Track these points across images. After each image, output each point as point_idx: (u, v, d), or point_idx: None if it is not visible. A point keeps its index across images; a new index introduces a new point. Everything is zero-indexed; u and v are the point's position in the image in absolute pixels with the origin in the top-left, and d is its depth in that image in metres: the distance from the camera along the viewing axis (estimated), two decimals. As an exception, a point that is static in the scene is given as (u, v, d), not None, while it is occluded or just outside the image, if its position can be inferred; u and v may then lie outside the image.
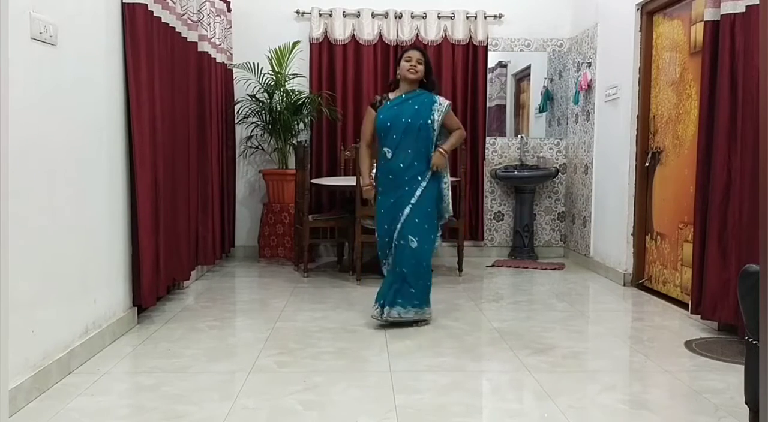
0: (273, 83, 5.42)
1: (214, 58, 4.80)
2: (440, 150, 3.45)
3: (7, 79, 2.19)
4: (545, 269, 5.33)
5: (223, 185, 5.16)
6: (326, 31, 5.67)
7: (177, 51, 3.89)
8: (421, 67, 3.45)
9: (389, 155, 3.45)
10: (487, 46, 5.77)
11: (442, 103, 3.49)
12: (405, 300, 3.43)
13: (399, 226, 3.42)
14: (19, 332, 2.32)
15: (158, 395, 2.50)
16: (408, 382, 2.65)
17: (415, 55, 3.47)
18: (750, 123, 3.15)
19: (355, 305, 4.03)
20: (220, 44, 4.98)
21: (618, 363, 3.04)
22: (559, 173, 5.90)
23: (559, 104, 5.95)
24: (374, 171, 3.63)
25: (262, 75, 5.40)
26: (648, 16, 4.49)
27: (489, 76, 5.87)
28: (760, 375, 1.80)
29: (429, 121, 3.42)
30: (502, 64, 6.00)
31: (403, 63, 3.47)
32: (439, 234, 3.58)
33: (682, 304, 3.95)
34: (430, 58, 3.60)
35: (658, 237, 4.40)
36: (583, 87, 5.38)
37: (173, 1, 3.80)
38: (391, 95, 3.55)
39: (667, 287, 4.26)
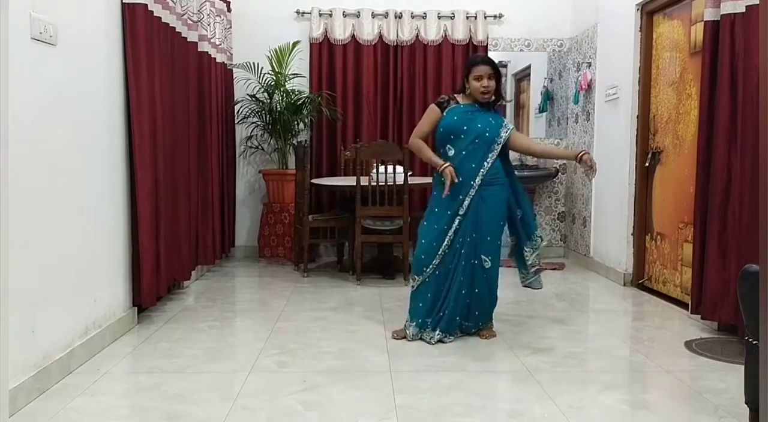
0: (273, 83, 5.42)
1: (214, 58, 4.80)
2: (582, 153, 3.21)
3: (7, 79, 2.19)
4: (545, 269, 5.32)
5: (223, 185, 5.17)
6: (326, 31, 5.67)
7: (177, 51, 3.90)
8: (493, 84, 3.21)
9: (451, 153, 3.22)
10: (487, 46, 5.77)
11: (509, 126, 3.29)
12: (471, 322, 3.30)
13: (466, 240, 3.20)
14: (19, 332, 2.32)
15: (158, 395, 2.50)
16: (408, 382, 2.65)
17: (485, 70, 3.19)
18: (750, 123, 3.15)
19: (355, 305, 4.03)
20: (220, 44, 4.98)
21: (618, 363, 3.04)
22: (559, 173, 5.90)
23: (559, 104, 5.95)
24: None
25: (262, 75, 5.40)
26: (648, 16, 4.49)
27: (489, 76, 5.86)
28: (760, 375, 1.80)
29: (498, 138, 3.23)
30: (502, 64, 5.98)
31: (474, 83, 3.21)
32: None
33: (682, 304, 3.95)
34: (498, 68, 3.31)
35: (658, 237, 4.40)
36: (583, 87, 5.38)
37: (173, 1, 3.80)
38: (460, 99, 3.30)
39: (667, 287, 4.26)
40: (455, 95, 3.36)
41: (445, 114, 3.27)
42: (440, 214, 3.25)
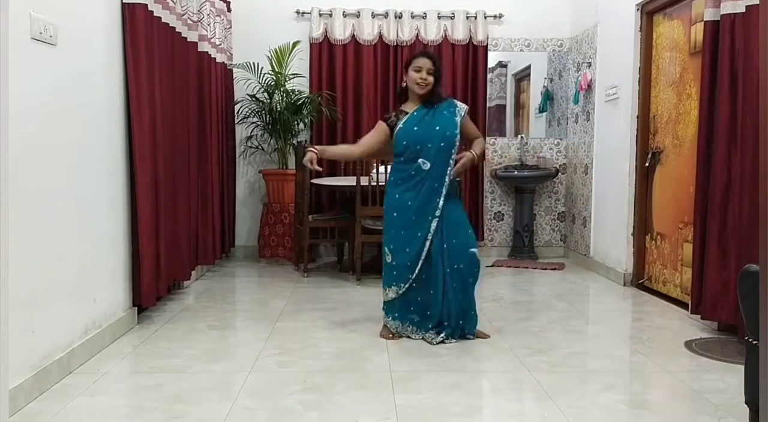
0: (273, 83, 5.42)
1: (214, 58, 4.80)
2: (473, 153, 3.26)
3: (7, 79, 2.19)
4: (545, 269, 5.32)
5: (223, 185, 5.16)
6: (326, 31, 5.67)
7: (177, 51, 3.89)
8: (431, 79, 3.19)
9: (426, 166, 3.19)
10: (487, 46, 5.77)
11: (461, 108, 3.29)
12: (471, 324, 3.30)
13: (445, 247, 3.21)
14: (19, 332, 2.32)
15: (158, 395, 2.49)
16: (408, 382, 2.65)
17: (426, 64, 3.18)
18: (750, 123, 3.15)
19: (355, 305, 4.03)
20: (220, 44, 4.98)
21: (618, 363, 3.04)
22: (559, 173, 5.90)
23: (559, 104, 5.95)
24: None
25: (262, 75, 5.40)
26: (648, 16, 4.49)
27: (489, 76, 5.87)
28: (760, 375, 1.80)
29: (456, 130, 3.22)
30: (502, 64, 5.99)
31: (412, 73, 3.19)
32: None
33: (682, 304, 3.95)
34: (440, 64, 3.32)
35: (658, 237, 4.40)
36: (583, 87, 5.38)
37: (173, 1, 3.80)
38: (406, 107, 3.29)
39: (667, 287, 4.26)
40: (400, 108, 3.33)
41: (401, 126, 3.24)
42: (412, 224, 3.21)
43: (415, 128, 3.23)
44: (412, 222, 3.24)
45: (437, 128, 3.21)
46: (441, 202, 3.21)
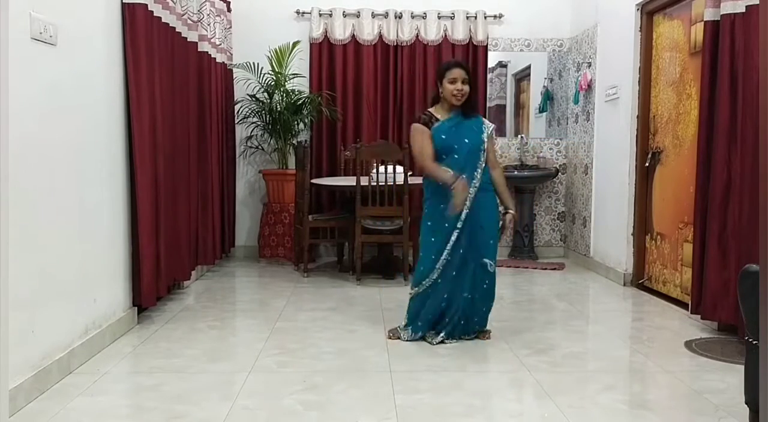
0: (273, 83, 5.42)
1: (214, 58, 4.80)
2: (511, 212, 3.26)
3: (7, 79, 2.19)
4: (545, 269, 5.32)
5: (223, 185, 5.17)
6: (326, 31, 5.67)
7: (177, 51, 3.90)
8: (467, 89, 3.19)
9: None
10: (487, 46, 5.77)
11: (488, 126, 3.30)
12: (470, 325, 3.27)
13: (466, 245, 3.17)
14: (19, 332, 2.32)
15: (158, 395, 2.50)
16: (408, 382, 2.65)
17: (460, 74, 3.17)
18: (750, 123, 3.15)
19: (355, 305, 4.03)
20: (220, 44, 4.98)
21: (618, 363, 3.04)
22: (559, 173, 5.90)
23: (559, 104, 5.95)
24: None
25: (262, 75, 5.40)
26: (648, 16, 4.49)
27: (489, 76, 5.87)
28: (760, 375, 1.80)
29: (483, 144, 3.22)
30: (502, 64, 5.99)
31: (447, 85, 3.17)
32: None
33: (682, 304, 3.95)
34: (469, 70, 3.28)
35: (658, 237, 4.40)
36: (583, 87, 5.38)
37: (173, 1, 3.80)
38: (437, 113, 3.26)
39: (667, 287, 4.26)
40: (430, 110, 3.31)
41: (432, 132, 3.23)
42: (437, 229, 3.21)
43: (444, 137, 3.20)
44: (430, 228, 3.24)
45: (466, 140, 3.20)
46: (464, 214, 3.15)
